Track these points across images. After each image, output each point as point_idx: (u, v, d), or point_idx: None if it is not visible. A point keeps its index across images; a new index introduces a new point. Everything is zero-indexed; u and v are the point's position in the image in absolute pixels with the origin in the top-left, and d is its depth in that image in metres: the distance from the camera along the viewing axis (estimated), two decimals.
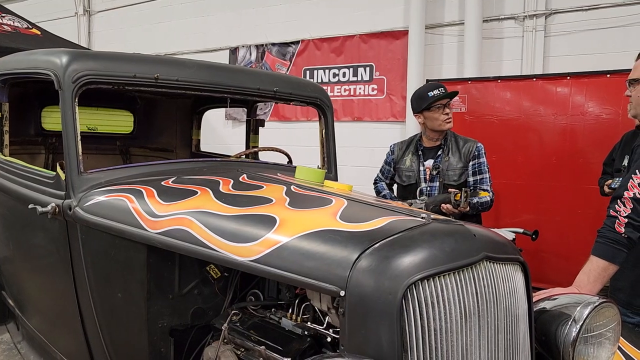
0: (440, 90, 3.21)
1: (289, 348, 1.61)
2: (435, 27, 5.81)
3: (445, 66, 5.79)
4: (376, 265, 1.39)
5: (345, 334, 1.39)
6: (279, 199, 1.88)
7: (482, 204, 3.16)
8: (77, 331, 2.24)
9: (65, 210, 2.12)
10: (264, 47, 6.99)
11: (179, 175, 2.26)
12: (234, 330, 1.76)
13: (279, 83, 2.78)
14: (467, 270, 1.48)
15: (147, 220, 1.89)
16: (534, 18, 5.29)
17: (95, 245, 2.07)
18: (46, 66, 2.21)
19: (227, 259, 1.65)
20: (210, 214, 1.80)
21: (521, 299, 1.66)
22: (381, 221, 1.57)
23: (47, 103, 3.58)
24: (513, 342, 1.61)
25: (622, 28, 4.90)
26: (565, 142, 4.49)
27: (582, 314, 1.71)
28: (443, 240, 1.50)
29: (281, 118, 6.88)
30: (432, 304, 1.38)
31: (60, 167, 2.18)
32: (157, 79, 2.30)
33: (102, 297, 2.08)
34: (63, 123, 2.14)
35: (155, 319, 1.94)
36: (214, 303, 2.03)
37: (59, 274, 2.28)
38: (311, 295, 1.65)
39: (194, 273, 2.00)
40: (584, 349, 1.72)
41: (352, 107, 6.39)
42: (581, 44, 5.09)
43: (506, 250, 1.66)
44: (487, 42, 5.46)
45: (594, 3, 5.02)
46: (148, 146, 4.05)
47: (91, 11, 8.71)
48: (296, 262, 1.51)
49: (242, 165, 2.63)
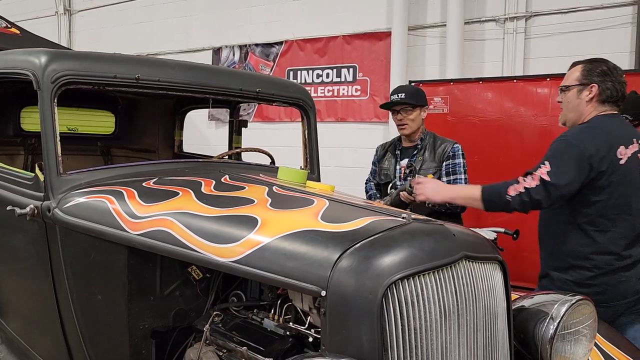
0: (399, 95, 3.20)
1: (271, 349, 1.62)
2: (417, 28, 5.86)
3: (428, 67, 5.83)
4: (357, 265, 1.40)
5: (326, 334, 1.40)
6: (261, 199, 1.88)
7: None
8: (57, 334, 2.22)
9: (44, 211, 2.09)
10: (247, 47, 6.98)
11: (161, 176, 2.25)
12: (216, 332, 1.76)
13: (261, 84, 2.78)
14: (446, 270, 1.49)
15: (127, 222, 1.87)
16: (514, 20, 5.35)
17: (74, 247, 2.05)
18: (25, 66, 2.18)
19: (208, 260, 1.65)
20: (191, 215, 1.80)
21: (500, 297, 1.68)
22: (362, 221, 1.59)
23: (27, 103, 3.53)
24: (492, 340, 1.63)
25: (601, 31, 4.99)
26: (545, 142, 4.51)
27: (560, 312, 1.74)
28: (423, 240, 1.51)
29: (265, 119, 6.87)
30: (412, 303, 1.40)
31: (39, 168, 2.15)
32: (138, 79, 2.29)
33: (82, 300, 2.06)
34: (42, 124, 2.11)
35: (137, 321, 1.93)
36: (195, 304, 2.03)
37: (38, 276, 2.25)
38: (293, 295, 1.65)
39: (175, 274, 1.99)
40: (562, 346, 1.76)
41: (336, 108, 6.41)
42: (561, 46, 5.17)
43: (485, 250, 1.69)
44: (469, 43, 5.51)
45: (574, 6, 5.10)
46: (130, 147, 4.01)
47: (72, 10, 8.61)
48: (277, 263, 1.51)
49: (224, 166, 2.63)
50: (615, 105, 2.35)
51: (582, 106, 2.36)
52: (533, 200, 2.21)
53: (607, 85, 2.30)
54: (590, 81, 2.32)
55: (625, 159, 2.19)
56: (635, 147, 2.26)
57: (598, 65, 2.33)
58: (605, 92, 2.31)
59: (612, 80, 2.30)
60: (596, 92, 2.31)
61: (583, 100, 2.34)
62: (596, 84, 2.31)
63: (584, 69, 2.36)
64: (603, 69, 2.32)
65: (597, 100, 2.32)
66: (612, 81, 2.30)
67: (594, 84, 2.31)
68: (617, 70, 2.34)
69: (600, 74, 2.31)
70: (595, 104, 2.33)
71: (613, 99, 2.32)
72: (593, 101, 2.33)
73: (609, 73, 2.31)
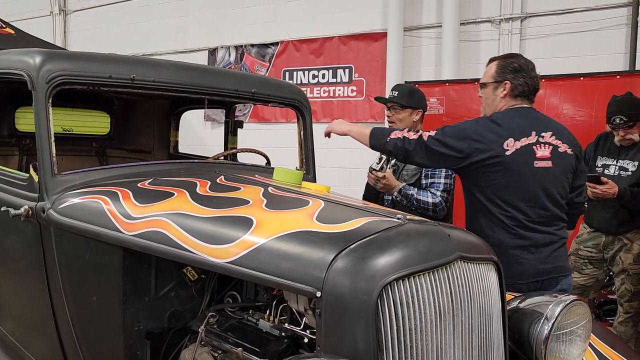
0: (393, 93, 3.21)
1: (266, 349, 1.61)
2: (413, 29, 5.87)
3: (424, 68, 5.84)
4: (352, 266, 1.40)
5: (322, 335, 1.39)
6: (256, 200, 1.88)
7: (421, 202, 2.95)
8: (51, 335, 2.21)
9: (38, 212, 2.08)
10: (243, 48, 6.97)
11: (156, 177, 2.24)
12: (211, 333, 1.75)
13: (257, 84, 2.78)
14: (441, 270, 1.50)
15: (122, 223, 1.87)
16: (510, 21, 5.37)
17: (69, 248, 2.04)
18: (19, 66, 2.17)
19: (203, 260, 1.65)
20: (186, 216, 1.80)
21: (495, 298, 1.69)
22: (357, 222, 1.59)
23: (21, 103, 3.52)
24: (487, 340, 1.63)
25: (596, 32, 5.01)
26: None
27: (554, 312, 1.75)
28: (418, 241, 1.52)
29: (260, 119, 6.86)
30: (407, 303, 1.40)
31: (34, 168, 2.14)
32: (134, 79, 2.28)
33: (77, 301, 2.05)
34: (36, 124, 2.11)
35: (131, 322, 1.92)
36: (191, 305, 2.02)
37: (32, 277, 2.24)
38: (288, 296, 1.65)
39: (170, 275, 1.98)
40: (556, 346, 1.76)
41: (332, 109, 6.41)
42: (556, 47, 5.19)
43: (480, 250, 1.69)
44: (465, 44, 5.53)
45: (569, 7, 5.12)
46: (125, 147, 4.00)
47: (67, 10, 8.58)
48: (273, 264, 1.51)
49: (220, 167, 2.62)
50: (526, 98, 2.48)
51: (497, 101, 2.51)
52: (404, 148, 2.41)
53: (519, 82, 2.44)
54: (504, 78, 2.46)
55: (512, 150, 2.32)
56: (532, 139, 2.37)
57: (511, 63, 2.48)
58: (517, 88, 2.45)
59: (523, 76, 2.45)
60: (509, 89, 2.46)
61: (498, 96, 2.50)
62: (509, 80, 2.45)
63: (498, 67, 2.51)
64: (515, 66, 2.46)
65: (510, 95, 2.47)
66: (524, 77, 2.44)
67: (507, 81, 2.46)
68: (529, 66, 2.48)
69: (512, 70, 2.46)
70: (508, 98, 2.48)
71: (524, 94, 2.47)
72: (506, 97, 2.48)
73: (520, 70, 2.45)
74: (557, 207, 2.42)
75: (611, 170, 3.57)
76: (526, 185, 2.34)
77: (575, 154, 2.48)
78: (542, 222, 2.39)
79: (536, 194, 2.36)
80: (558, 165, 2.40)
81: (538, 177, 2.35)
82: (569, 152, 2.44)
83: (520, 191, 2.35)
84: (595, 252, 3.64)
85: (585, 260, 3.68)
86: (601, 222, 3.59)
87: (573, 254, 3.75)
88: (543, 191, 2.37)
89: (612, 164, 3.58)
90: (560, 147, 2.42)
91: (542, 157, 2.37)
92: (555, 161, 2.39)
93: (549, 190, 2.38)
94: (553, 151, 2.40)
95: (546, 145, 2.39)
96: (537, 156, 2.36)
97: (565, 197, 2.47)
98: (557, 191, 2.41)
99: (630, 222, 3.48)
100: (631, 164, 3.49)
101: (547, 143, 2.39)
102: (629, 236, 3.50)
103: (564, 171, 2.43)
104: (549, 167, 2.38)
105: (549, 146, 2.39)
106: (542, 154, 2.37)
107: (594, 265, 3.67)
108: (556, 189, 2.40)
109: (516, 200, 2.35)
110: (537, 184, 2.35)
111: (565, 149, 2.43)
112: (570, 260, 3.76)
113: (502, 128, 2.36)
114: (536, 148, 2.37)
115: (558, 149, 2.41)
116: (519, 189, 2.34)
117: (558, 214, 2.44)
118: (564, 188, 2.45)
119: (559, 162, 2.40)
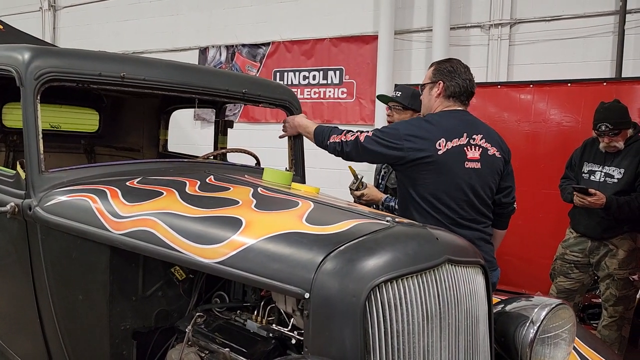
0: (396, 93, 3.29)
1: (254, 350, 1.61)
2: (404, 32, 5.90)
3: (414, 71, 5.87)
4: (340, 267, 1.40)
5: (309, 336, 1.40)
6: (246, 200, 1.88)
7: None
8: (36, 334, 2.19)
9: (24, 210, 2.06)
10: (234, 48, 6.96)
11: (145, 176, 2.23)
12: (198, 333, 1.75)
13: (247, 85, 2.78)
14: (429, 273, 1.51)
15: (110, 221, 1.86)
16: (499, 27, 5.42)
17: (55, 246, 2.03)
18: (7, 62, 2.15)
19: (192, 260, 1.64)
20: (175, 215, 1.79)
21: (481, 301, 1.70)
22: (346, 224, 1.59)
23: (9, 99, 3.48)
24: (473, 343, 1.65)
25: (583, 39, 5.07)
26: (527, 147, 4.61)
27: (540, 316, 1.77)
28: (406, 244, 1.53)
29: (250, 119, 6.85)
30: (395, 306, 1.41)
31: (21, 165, 2.12)
32: (124, 77, 2.27)
33: (63, 300, 2.04)
34: (24, 120, 2.08)
35: (118, 322, 1.91)
36: (178, 305, 2.01)
37: (17, 275, 2.22)
38: (276, 297, 1.65)
39: (158, 274, 1.98)
40: (541, 349, 1.78)
41: (322, 110, 6.41)
42: (544, 54, 5.24)
43: (467, 254, 1.70)
44: (454, 48, 5.56)
45: (557, 14, 5.18)
46: (114, 145, 3.98)
47: (57, 6, 8.50)
48: (261, 264, 1.51)
49: (209, 167, 2.62)
50: (459, 100, 2.55)
51: (432, 101, 2.59)
52: (342, 150, 2.51)
53: (452, 83, 2.52)
54: (438, 79, 2.55)
55: (444, 150, 2.38)
56: (463, 140, 2.43)
57: (446, 65, 2.57)
58: (449, 88, 2.52)
59: (455, 78, 2.53)
60: (442, 88, 2.53)
61: (433, 96, 2.58)
62: (442, 81, 2.53)
63: (434, 69, 2.60)
64: (449, 68, 2.55)
65: (443, 95, 2.54)
66: (456, 79, 2.52)
67: (440, 81, 2.54)
68: (462, 69, 2.56)
69: (446, 72, 2.54)
70: (442, 99, 2.55)
71: (457, 95, 2.53)
72: (440, 97, 2.55)
73: (453, 72, 2.53)
74: (484, 207, 2.50)
75: (597, 176, 3.61)
76: (457, 184, 2.41)
77: (503, 157, 2.56)
78: (471, 219, 2.47)
79: (466, 193, 2.43)
80: (486, 167, 2.48)
81: (468, 177, 2.43)
82: (497, 155, 2.52)
83: (452, 190, 2.41)
84: (582, 256, 3.68)
85: (571, 265, 3.72)
86: (587, 228, 3.63)
87: (559, 258, 3.79)
88: (472, 191, 2.44)
89: (598, 170, 3.62)
90: (489, 150, 2.49)
91: (472, 159, 2.44)
92: (484, 163, 2.47)
93: (477, 191, 2.45)
94: (482, 153, 2.47)
95: (476, 147, 2.46)
96: (468, 157, 2.43)
97: (492, 197, 2.55)
98: (485, 192, 2.49)
99: (615, 228, 3.53)
100: (617, 171, 3.53)
101: (477, 145, 2.47)
102: (615, 242, 3.54)
103: (491, 173, 2.51)
104: (478, 168, 2.45)
105: (479, 148, 2.47)
106: (473, 155, 2.45)
107: (580, 270, 3.71)
108: (484, 190, 2.48)
109: (447, 199, 2.41)
110: (466, 184, 2.42)
111: (494, 152, 2.51)
112: (556, 265, 3.82)
113: (434, 127, 2.42)
114: (467, 149, 2.43)
115: (487, 151, 2.49)
116: (450, 187, 2.41)
117: (485, 213, 2.52)
118: (491, 189, 2.53)
119: (487, 164, 2.48)
